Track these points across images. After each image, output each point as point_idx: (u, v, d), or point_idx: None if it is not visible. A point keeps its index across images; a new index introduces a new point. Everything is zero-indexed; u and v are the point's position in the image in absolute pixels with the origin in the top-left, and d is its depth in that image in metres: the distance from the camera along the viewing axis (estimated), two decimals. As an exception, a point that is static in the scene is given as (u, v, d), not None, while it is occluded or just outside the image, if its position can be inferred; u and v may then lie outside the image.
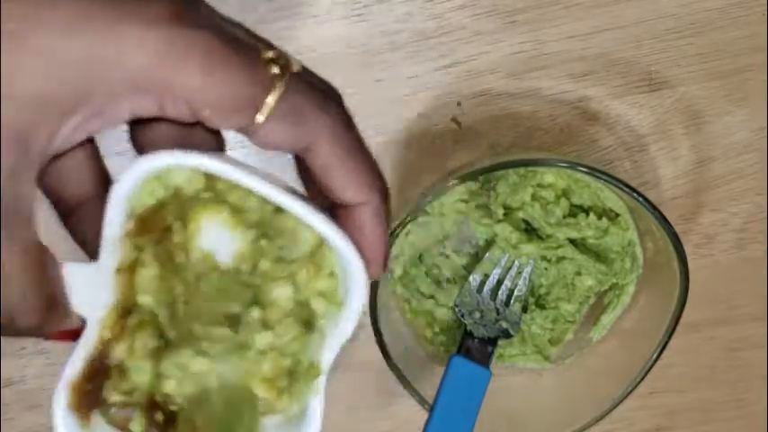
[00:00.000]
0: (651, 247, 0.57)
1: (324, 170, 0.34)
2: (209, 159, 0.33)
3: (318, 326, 0.36)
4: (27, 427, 0.62)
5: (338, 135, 0.33)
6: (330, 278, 0.35)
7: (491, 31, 0.58)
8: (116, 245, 0.34)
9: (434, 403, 0.54)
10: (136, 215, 0.34)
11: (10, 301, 0.32)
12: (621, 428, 0.65)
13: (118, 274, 0.34)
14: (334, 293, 0.35)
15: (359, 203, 0.34)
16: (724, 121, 0.61)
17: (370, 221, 0.35)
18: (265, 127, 0.32)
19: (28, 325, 0.33)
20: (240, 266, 0.35)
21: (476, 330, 0.57)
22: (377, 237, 0.35)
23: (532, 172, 0.56)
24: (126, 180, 0.33)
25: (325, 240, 0.35)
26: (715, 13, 0.59)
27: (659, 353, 0.55)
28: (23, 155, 0.30)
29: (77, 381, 0.37)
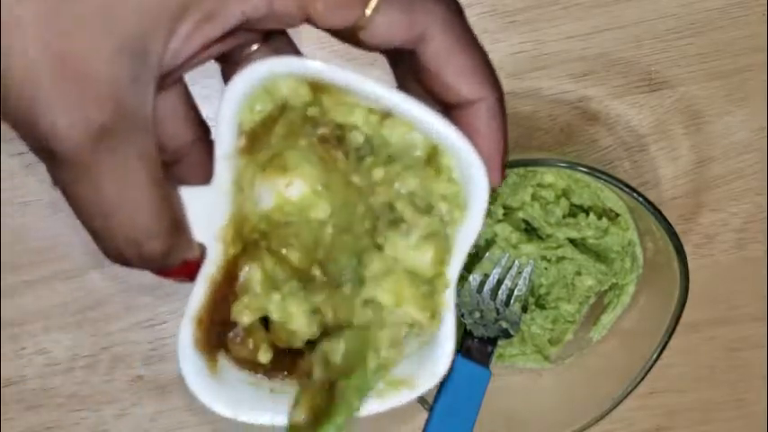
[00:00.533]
0: (651, 247, 0.57)
1: (436, 62, 0.32)
2: (324, 65, 0.31)
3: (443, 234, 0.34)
4: (27, 427, 0.62)
5: (451, 23, 0.32)
6: (450, 183, 0.33)
7: (491, 31, 0.58)
8: (229, 163, 0.32)
9: (434, 403, 0.54)
10: (245, 131, 0.32)
11: (140, 220, 0.30)
12: (621, 428, 0.65)
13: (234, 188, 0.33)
14: (456, 198, 0.34)
15: (473, 100, 0.32)
16: (724, 121, 0.61)
17: (487, 120, 0.33)
18: (377, 18, 0.31)
19: (156, 251, 0.31)
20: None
21: (476, 330, 0.57)
22: (495, 136, 0.33)
23: (532, 172, 0.56)
24: (238, 86, 0.31)
25: (440, 145, 0.32)
26: (715, 13, 0.59)
27: (659, 353, 0.55)
28: (143, 63, 0.29)
29: (202, 314, 0.34)
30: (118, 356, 0.59)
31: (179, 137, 0.35)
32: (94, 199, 0.30)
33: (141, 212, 0.30)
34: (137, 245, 0.31)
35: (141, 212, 0.30)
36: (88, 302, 0.61)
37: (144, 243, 0.31)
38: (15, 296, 0.60)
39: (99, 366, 0.62)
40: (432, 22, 0.31)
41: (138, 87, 0.29)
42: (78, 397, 0.62)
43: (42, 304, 0.61)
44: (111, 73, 0.29)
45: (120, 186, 0.30)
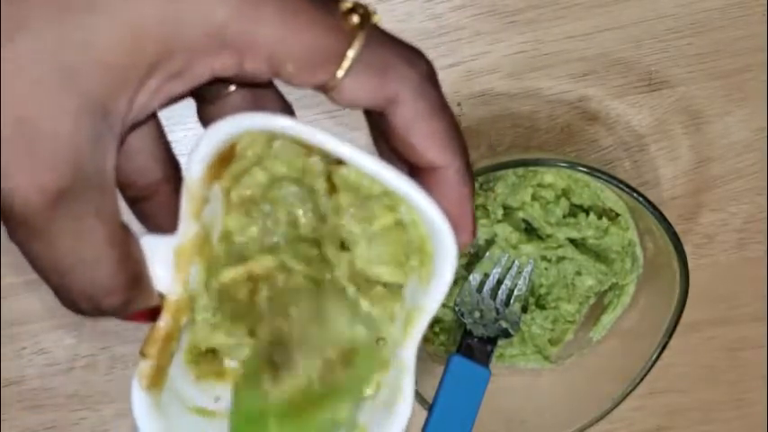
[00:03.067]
0: (651, 247, 0.57)
1: (406, 126, 0.32)
2: (292, 122, 0.31)
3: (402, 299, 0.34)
4: (27, 427, 0.62)
5: (423, 90, 0.31)
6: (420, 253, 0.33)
7: (491, 31, 0.58)
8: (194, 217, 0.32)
9: (434, 402, 0.54)
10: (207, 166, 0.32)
11: (97, 280, 0.30)
12: (621, 428, 0.65)
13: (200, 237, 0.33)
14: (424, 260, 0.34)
15: (441, 166, 0.32)
16: (724, 121, 0.61)
17: (454, 184, 0.33)
18: (347, 80, 0.30)
19: (113, 305, 0.31)
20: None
21: (475, 330, 0.57)
22: (463, 200, 0.33)
23: (532, 172, 0.56)
24: (201, 149, 0.31)
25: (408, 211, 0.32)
26: (715, 13, 0.59)
27: (659, 353, 0.55)
28: (104, 123, 0.29)
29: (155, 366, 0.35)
30: (118, 356, 0.59)
31: (148, 174, 0.34)
32: (50, 257, 0.30)
33: (98, 271, 0.30)
34: (93, 301, 0.31)
35: (98, 271, 0.30)
36: (88, 302, 0.61)
37: (101, 299, 0.31)
38: (15, 296, 0.60)
39: (99, 366, 0.62)
40: (403, 87, 0.31)
41: (98, 146, 0.29)
42: (78, 397, 0.62)
43: (42, 304, 0.61)
44: (70, 134, 0.28)
45: (77, 246, 0.30)
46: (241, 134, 0.32)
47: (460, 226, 0.33)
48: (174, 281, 0.33)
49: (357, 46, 0.30)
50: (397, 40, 0.32)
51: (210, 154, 0.32)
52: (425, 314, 0.34)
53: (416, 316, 0.34)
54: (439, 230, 0.32)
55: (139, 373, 0.35)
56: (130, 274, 0.31)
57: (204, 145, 0.31)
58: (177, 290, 0.33)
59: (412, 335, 0.34)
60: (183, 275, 0.33)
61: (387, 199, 0.33)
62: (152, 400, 0.35)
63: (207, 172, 0.32)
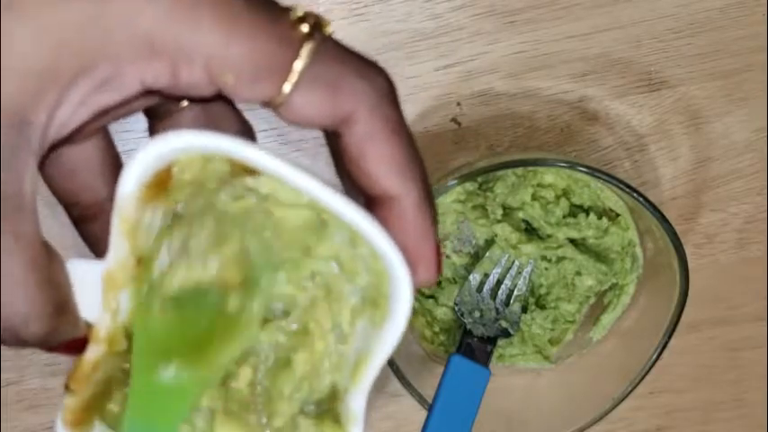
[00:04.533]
0: (651, 247, 0.57)
1: (360, 149, 0.29)
2: (236, 144, 0.28)
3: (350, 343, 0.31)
4: (27, 427, 0.62)
5: (379, 108, 0.29)
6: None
7: (491, 31, 0.58)
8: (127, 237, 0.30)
9: (433, 402, 0.54)
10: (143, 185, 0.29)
11: (15, 307, 0.28)
12: (621, 428, 0.65)
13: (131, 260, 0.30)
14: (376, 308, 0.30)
15: (398, 194, 0.29)
16: (724, 121, 0.61)
17: (413, 215, 0.30)
18: (296, 96, 0.28)
19: (35, 334, 0.29)
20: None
21: (475, 329, 0.57)
22: (423, 232, 0.30)
23: (532, 172, 0.56)
24: (139, 161, 0.29)
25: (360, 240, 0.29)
26: (715, 13, 0.59)
27: (659, 353, 0.55)
28: (20, 135, 0.27)
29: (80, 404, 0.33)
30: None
31: (94, 193, 0.32)
32: None
33: (16, 297, 0.28)
34: (12, 330, 0.28)
35: (16, 297, 0.28)
36: (88, 302, 0.61)
37: (20, 328, 0.28)
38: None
39: (99, 366, 0.62)
40: (357, 105, 0.28)
41: (13, 162, 0.27)
42: (78, 397, 0.62)
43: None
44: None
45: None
46: (177, 154, 0.29)
47: (420, 262, 0.30)
48: (102, 311, 0.30)
49: (305, 57, 0.28)
50: (352, 53, 0.29)
51: (144, 172, 0.29)
52: (375, 361, 0.31)
53: (366, 362, 0.31)
54: (394, 268, 0.29)
55: (64, 410, 0.32)
56: (53, 300, 0.29)
57: (138, 162, 0.29)
58: (106, 319, 0.31)
59: (361, 382, 0.31)
60: (112, 305, 0.31)
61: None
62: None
63: (142, 191, 0.29)
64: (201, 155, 0.29)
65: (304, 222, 0.30)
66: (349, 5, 0.57)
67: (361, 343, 0.31)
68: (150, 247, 0.30)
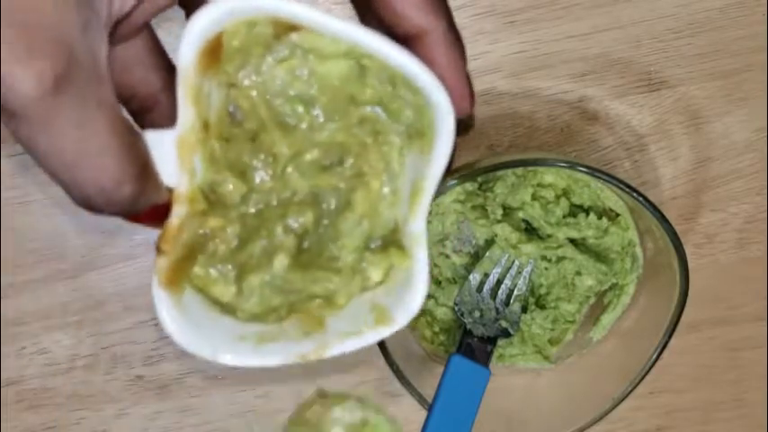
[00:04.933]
0: (651, 247, 0.57)
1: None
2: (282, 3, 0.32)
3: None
4: (27, 427, 0.62)
5: None
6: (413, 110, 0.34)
7: (491, 31, 0.58)
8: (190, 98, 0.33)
9: (433, 402, 0.54)
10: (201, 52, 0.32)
11: (107, 170, 0.30)
12: (621, 428, 0.65)
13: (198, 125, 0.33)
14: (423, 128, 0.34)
15: (425, 29, 0.32)
16: (724, 121, 0.61)
17: (444, 49, 0.32)
18: None
19: (125, 197, 0.31)
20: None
21: (475, 329, 0.57)
22: (454, 64, 0.32)
23: (532, 172, 0.56)
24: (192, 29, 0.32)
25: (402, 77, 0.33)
26: (715, 13, 0.59)
27: (659, 353, 0.55)
28: (90, 9, 0.29)
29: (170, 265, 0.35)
30: (118, 356, 0.59)
31: (148, 85, 0.35)
32: (57, 151, 0.30)
33: (106, 161, 0.30)
34: (105, 192, 0.31)
35: (106, 161, 0.30)
36: (88, 302, 0.61)
37: (112, 190, 0.31)
38: (15, 296, 0.60)
39: (99, 366, 0.62)
40: None
41: (88, 34, 0.29)
42: (78, 397, 0.62)
43: (42, 304, 0.61)
44: (59, 20, 0.28)
45: (82, 136, 0.29)
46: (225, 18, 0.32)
47: (455, 91, 0.32)
48: (180, 173, 0.33)
49: None
50: None
51: (199, 39, 0.32)
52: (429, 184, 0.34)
53: (421, 189, 0.35)
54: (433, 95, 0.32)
55: (158, 271, 0.35)
56: (138, 163, 0.31)
57: (191, 30, 0.31)
58: (184, 182, 0.33)
59: (419, 208, 0.35)
60: (187, 166, 0.33)
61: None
62: (173, 299, 0.35)
63: (199, 60, 0.32)
64: (246, 20, 0.32)
65: (346, 73, 0.34)
66: (349, 5, 0.57)
67: (413, 174, 0.35)
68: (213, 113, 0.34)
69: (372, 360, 0.62)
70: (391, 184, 0.36)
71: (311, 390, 0.63)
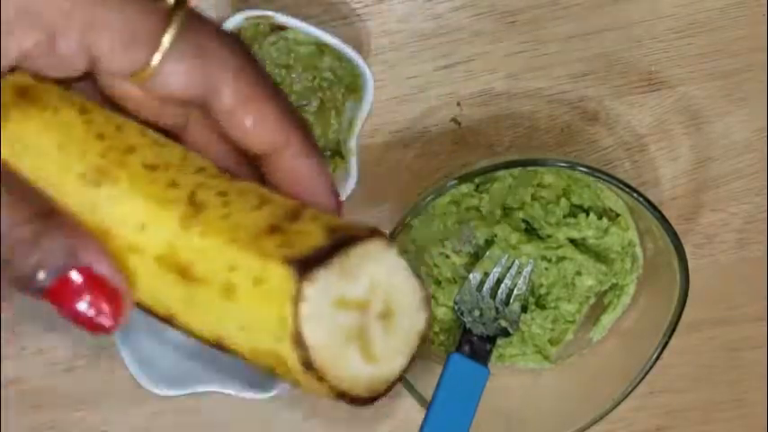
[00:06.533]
0: (651, 247, 0.57)
1: (231, 113, 0.30)
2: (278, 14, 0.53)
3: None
4: (27, 427, 0.62)
5: (244, 71, 0.30)
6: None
7: (491, 31, 0.58)
8: None
9: (432, 400, 0.54)
10: None
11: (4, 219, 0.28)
12: (621, 428, 0.65)
13: None
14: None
15: (283, 144, 0.31)
16: (724, 121, 0.61)
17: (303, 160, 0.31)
18: (166, 66, 0.29)
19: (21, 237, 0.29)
20: None
21: (475, 328, 0.57)
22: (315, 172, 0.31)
23: (532, 172, 0.56)
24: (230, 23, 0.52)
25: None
26: (715, 13, 0.59)
27: (659, 353, 0.55)
28: None
29: None
30: (118, 356, 0.59)
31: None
32: None
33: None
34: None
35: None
36: (88, 302, 0.61)
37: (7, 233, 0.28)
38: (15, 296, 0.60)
39: (99, 366, 0.62)
40: (225, 72, 0.30)
41: None
42: (78, 397, 0.62)
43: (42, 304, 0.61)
44: None
45: None
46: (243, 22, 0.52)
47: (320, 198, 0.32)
48: None
49: (174, 27, 0.29)
50: (212, 24, 0.31)
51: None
52: (360, 119, 0.54)
53: (355, 121, 0.54)
54: (360, 68, 0.53)
55: None
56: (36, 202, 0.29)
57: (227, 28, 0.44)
58: None
59: (353, 132, 0.55)
60: None
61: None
62: None
63: None
64: (255, 22, 0.53)
65: (311, 52, 0.55)
66: (349, 5, 0.57)
67: (350, 113, 0.55)
68: None
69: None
70: (336, 119, 0.56)
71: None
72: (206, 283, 0.29)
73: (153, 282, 0.29)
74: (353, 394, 0.28)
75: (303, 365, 0.27)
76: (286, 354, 0.28)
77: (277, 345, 0.28)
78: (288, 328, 0.27)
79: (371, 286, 0.29)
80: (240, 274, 0.28)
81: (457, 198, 0.57)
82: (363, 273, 0.28)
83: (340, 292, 0.28)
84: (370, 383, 0.29)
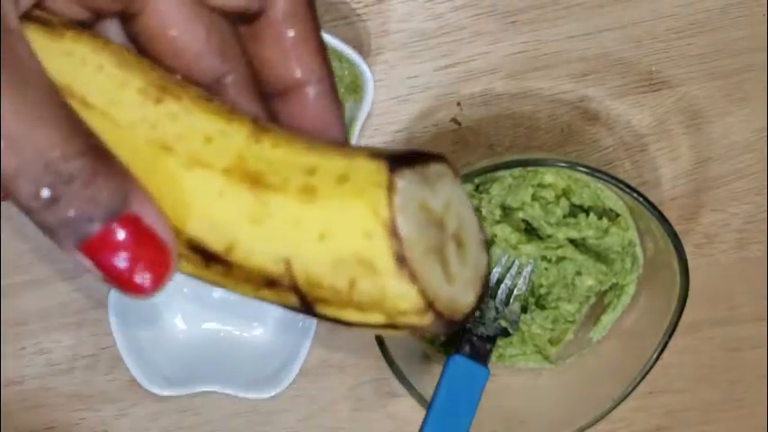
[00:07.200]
0: (651, 247, 0.57)
1: (282, 28, 0.28)
2: None
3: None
4: (27, 427, 0.62)
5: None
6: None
7: (491, 31, 0.58)
8: None
9: (432, 400, 0.54)
10: None
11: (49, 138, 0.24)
12: (621, 428, 0.65)
13: None
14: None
15: (312, 79, 0.29)
16: (724, 121, 0.61)
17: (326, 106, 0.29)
18: None
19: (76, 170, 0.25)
20: None
21: (474, 328, 0.57)
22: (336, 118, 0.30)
23: (532, 172, 0.56)
24: None
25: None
26: (715, 13, 0.59)
27: (659, 353, 0.55)
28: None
29: None
30: (118, 356, 0.59)
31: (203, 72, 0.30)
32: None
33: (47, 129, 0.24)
34: (52, 166, 0.24)
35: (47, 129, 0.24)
36: (88, 302, 0.61)
37: (60, 162, 0.24)
38: (15, 296, 0.60)
39: (99, 366, 0.62)
40: None
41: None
42: (78, 397, 0.62)
43: (42, 304, 0.61)
44: None
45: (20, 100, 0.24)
46: None
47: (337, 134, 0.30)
48: None
49: None
50: None
51: None
52: (360, 118, 0.55)
53: (355, 121, 0.55)
54: (361, 69, 0.54)
55: None
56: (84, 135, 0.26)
57: None
58: None
59: (352, 132, 0.55)
60: None
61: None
62: None
63: None
64: None
65: None
66: (349, 5, 0.57)
67: (350, 113, 0.55)
68: None
69: (372, 360, 0.62)
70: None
71: (311, 388, 0.63)
72: (281, 190, 0.26)
73: (217, 201, 0.27)
74: (438, 309, 0.26)
75: (396, 260, 0.25)
76: (375, 252, 0.25)
77: (365, 243, 0.25)
78: (381, 217, 0.25)
79: (446, 204, 0.27)
80: (320, 175, 0.26)
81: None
82: (440, 188, 0.27)
83: (423, 198, 0.26)
84: (450, 304, 0.27)
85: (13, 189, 0.25)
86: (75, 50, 0.28)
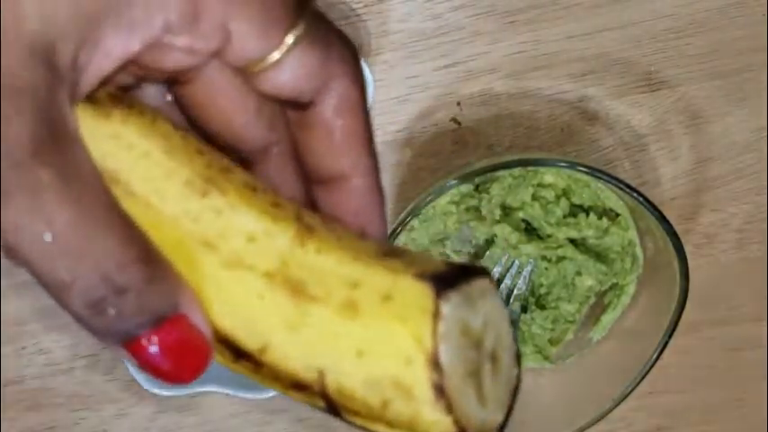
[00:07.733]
0: (651, 247, 0.57)
1: (333, 120, 0.28)
2: None
3: None
4: (27, 427, 0.62)
5: (357, 77, 0.28)
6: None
7: (491, 31, 0.58)
8: None
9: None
10: None
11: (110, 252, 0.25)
12: (621, 428, 0.65)
13: None
14: None
15: (360, 171, 0.29)
16: (724, 121, 0.61)
17: (369, 200, 0.29)
18: (290, 57, 0.27)
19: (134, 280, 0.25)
20: None
21: (475, 330, 0.57)
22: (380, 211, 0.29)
23: (532, 172, 0.56)
24: None
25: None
26: (715, 13, 0.59)
27: (659, 353, 0.55)
28: (55, 71, 0.25)
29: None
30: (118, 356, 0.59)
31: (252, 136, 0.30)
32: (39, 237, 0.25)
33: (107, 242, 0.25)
34: (108, 278, 0.25)
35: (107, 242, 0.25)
36: (88, 302, 0.61)
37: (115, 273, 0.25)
38: (15, 296, 0.60)
39: (99, 366, 0.62)
40: (344, 70, 0.28)
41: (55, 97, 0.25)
42: (78, 397, 0.62)
43: (42, 304, 0.61)
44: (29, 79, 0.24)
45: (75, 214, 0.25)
46: None
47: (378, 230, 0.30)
48: None
49: (308, 13, 0.27)
50: (328, 18, 0.28)
51: None
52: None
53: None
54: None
55: None
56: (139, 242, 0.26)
57: None
58: None
59: None
60: None
61: None
62: None
63: None
64: None
65: None
66: (349, 5, 0.57)
67: None
68: None
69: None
70: None
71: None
72: (323, 302, 0.26)
73: (256, 303, 0.27)
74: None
75: (435, 390, 0.25)
76: (413, 379, 0.25)
77: (405, 369, 0.25)
78: (424, 346, 0.25)
79: (485, 322, 0.27)
80: (365, 290, 0.26)
81: (457, 198, 0.57)
82: (481, 306, 0.26)
83: (465, 319, 0.26)
84: (481, 427, 0.27)
85: (64, 299, 0.26)
86: (122, 134, 0.27)
